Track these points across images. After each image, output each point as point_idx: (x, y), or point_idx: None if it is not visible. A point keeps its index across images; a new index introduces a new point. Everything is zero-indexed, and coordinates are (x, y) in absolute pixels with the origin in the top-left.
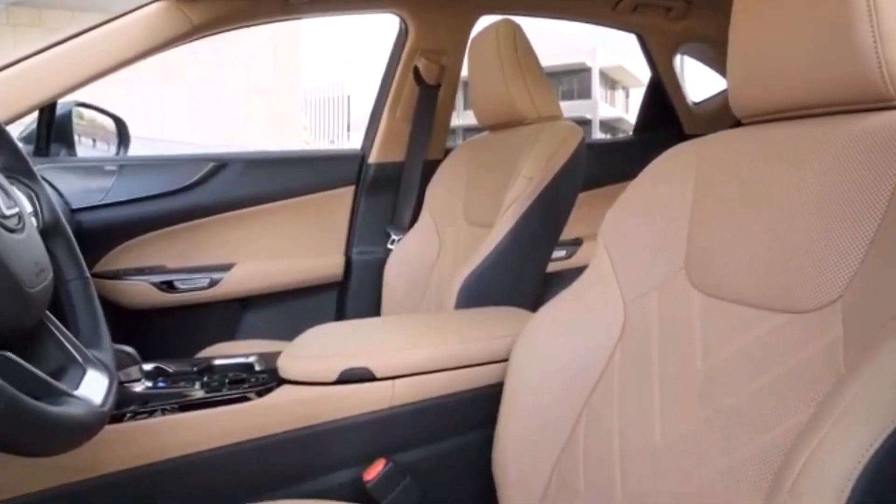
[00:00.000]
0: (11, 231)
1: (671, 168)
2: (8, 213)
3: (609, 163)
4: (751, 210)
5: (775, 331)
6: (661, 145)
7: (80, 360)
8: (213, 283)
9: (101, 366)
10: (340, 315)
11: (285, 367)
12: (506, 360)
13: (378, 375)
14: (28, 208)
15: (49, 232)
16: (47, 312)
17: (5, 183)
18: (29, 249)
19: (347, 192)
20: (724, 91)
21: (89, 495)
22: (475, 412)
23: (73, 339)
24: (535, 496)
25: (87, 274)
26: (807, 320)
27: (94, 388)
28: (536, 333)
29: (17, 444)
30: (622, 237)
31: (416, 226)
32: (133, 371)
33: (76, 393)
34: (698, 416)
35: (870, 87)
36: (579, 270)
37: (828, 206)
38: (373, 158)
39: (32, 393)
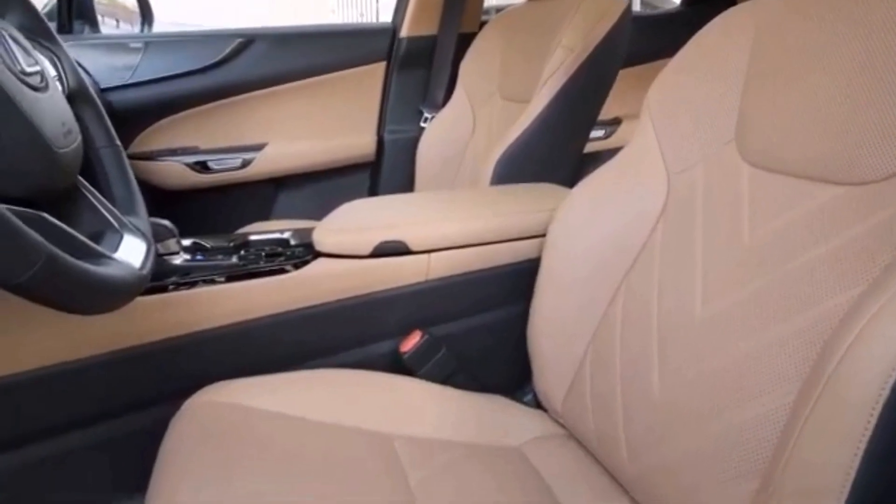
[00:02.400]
0: (35, 89)
1: (725, 32)
2: (29, 69)
3: (653, 37)
4: (811, 77)
5: (830, 203)
6: (711, 18)
7: (116, 225)
8: (245, 164)
9: (138, 232)
10: (373, 195)
11: (321, 240)
12: (543, 235)
13: (413, 249)
14: (52, 72)
15: (75, 97)
16: (80, 178)
17: (24, 41)
18: (54, 109)
19: (379, 69)
20: None
21: (132, 364)
22: (511, 287)
23: (109, 204)
24: (568, 371)
25: (118, 142)
26: (865, 192)
27: (132, 252)
28: (575, 208)
29: (61, 301)
30: (669, 107)
31: (450, 103)
32: (171, 244)
33: (115, 256)
34: (742, 290)
35: None
36: (617, 152)
37: None
38: (404, 32)
39: (72, 254)
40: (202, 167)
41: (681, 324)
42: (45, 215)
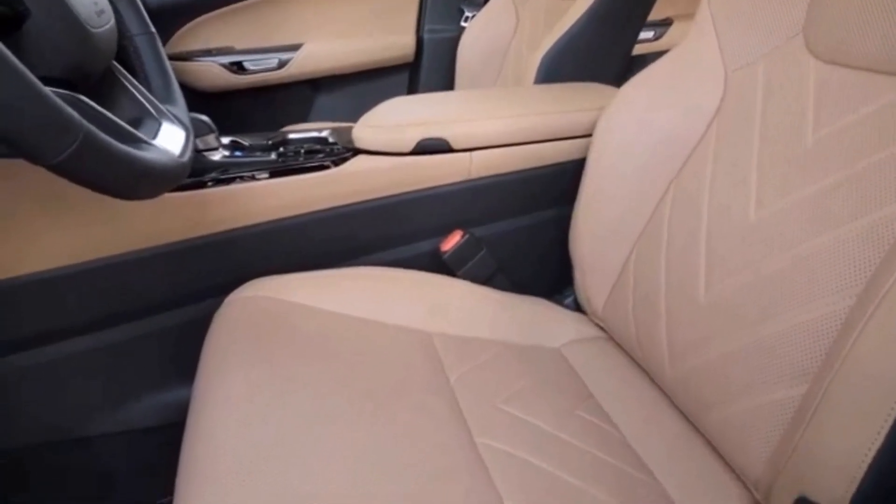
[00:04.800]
0: None
1: None
2: None
3: None
4: None
5: None
6: None
7: (154, 113)
8: (282, 64)
9: (177, 121)
10: None
11: (361, 136)
12: (589, 134)
13: (455, 147)
14: None
15: None
16: (116, 64)
17: None
18: None
19: None
20: None
21: (173, 260)
22: (554, 188)
23: (146, 92)
24: (611, 273)
25: (153, 29)
26: None
27: (171, 140)
28: (624, 106)
29: (101, 184)
30: (731, 0)
31: (491, 1)
32: (210, 139)
33: (154, 143)
34: (801, 192)
35: None
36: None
37: None
38: None
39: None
40: (238, 68)
41: (733, 226)
42: (83, 97)
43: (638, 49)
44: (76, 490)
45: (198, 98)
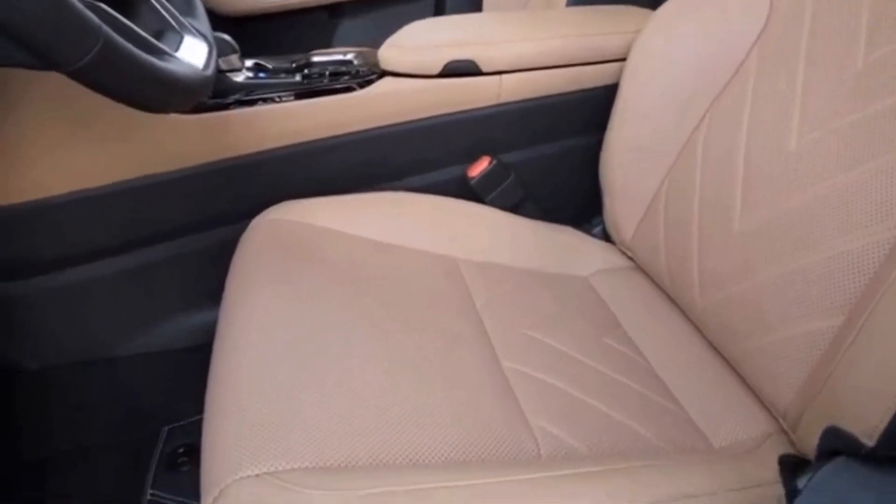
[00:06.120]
0: None
1: None
2: None
3: None
4: None
5: None
6: None
7: (175, 25)
8: None
9: (199, 34)
10: None
11: (387, 57)
12: (622, 58)
13: (484, 69)
14: None
15: None
16: None
17: None
18: None
19: None
20: None
21: (197, 182)
22: (586, 114)
23: (166, 3)
24: (642, 201)
25: None
26: None
27: (194, 53)
28: (661, 29)
29: (122, 92)
30: None
31: None
32: (233, 59)
33: (176, 55)
34: (849, 118)
35: None
36: None
37: None
38: None
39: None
40: None
41: (772, 153)
42: (102, 4)
43: None
44: (105, 410)
45: (219, 22)
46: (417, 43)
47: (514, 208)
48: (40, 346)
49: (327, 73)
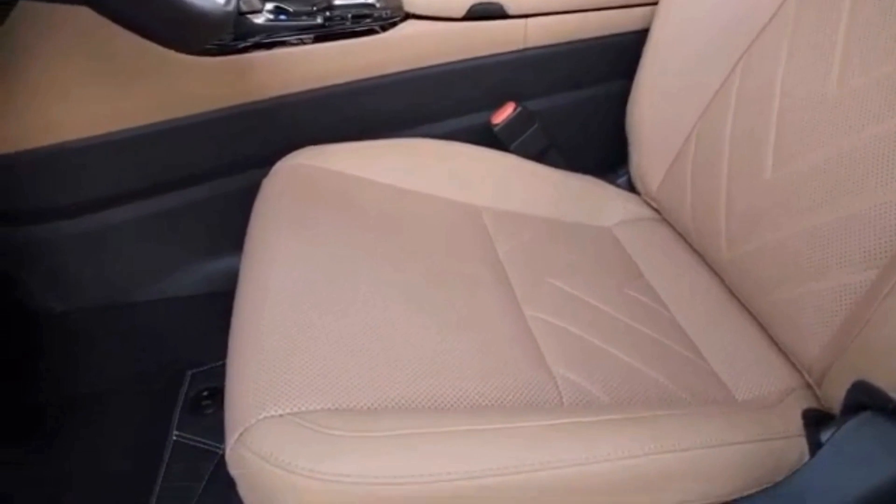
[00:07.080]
0: None
1: None
2: None
3: None
4: None
5: None
6: None
7: None
8: None
9: None
10: None
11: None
12: (654, 2)
13: (510, 12)
14: None
15: None
16: None
17: None
18: None
19: None
20: None
21: (218, 126)
22: (613, 60)
23: None
24: (670, 150)
25: None
26: None
27: None
28: None
29: (138, 23)
30: None
31: None
32: (254, 1)
33: None
34: (890, 63)
35: None
36: None
37: None
38: None
39: None
40: None
41: (808, 102)
42: None
43: None
44: (129, 354)
45: None
46: None
47: (539, 157)
48: (64, 288)
49: (349, 15)
